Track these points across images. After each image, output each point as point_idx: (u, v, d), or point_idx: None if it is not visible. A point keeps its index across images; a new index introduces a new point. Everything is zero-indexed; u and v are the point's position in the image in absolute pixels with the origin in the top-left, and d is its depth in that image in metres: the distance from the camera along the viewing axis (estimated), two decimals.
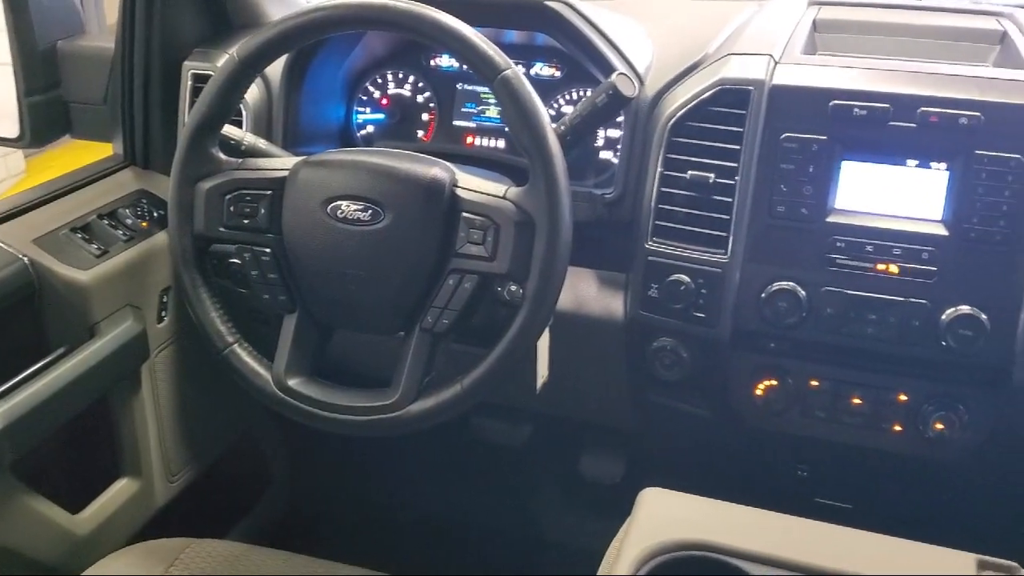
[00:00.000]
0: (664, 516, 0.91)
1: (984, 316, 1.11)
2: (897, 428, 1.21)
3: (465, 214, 1.07)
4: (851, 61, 1.24)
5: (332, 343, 1.19)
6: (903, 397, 1.20)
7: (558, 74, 1.43)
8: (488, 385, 1.07)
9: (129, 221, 1.39)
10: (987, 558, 0.87)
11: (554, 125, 1.08)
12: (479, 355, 1.08)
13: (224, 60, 1.17)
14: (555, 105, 1.42)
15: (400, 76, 1.51)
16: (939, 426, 1.18)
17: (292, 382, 1.13)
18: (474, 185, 1.08)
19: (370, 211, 1.08)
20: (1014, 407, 1.15)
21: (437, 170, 1.08)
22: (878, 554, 0.87)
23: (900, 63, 1.23)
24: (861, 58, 1.26)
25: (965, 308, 1.12)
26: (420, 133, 1.50)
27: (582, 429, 1.76)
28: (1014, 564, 0.87)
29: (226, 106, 1.13)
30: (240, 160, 1.15)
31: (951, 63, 1.24)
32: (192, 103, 1.34)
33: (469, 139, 1.48)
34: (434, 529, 1.93)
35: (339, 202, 1.09)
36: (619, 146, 1.32)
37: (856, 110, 1.14)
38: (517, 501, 1.94)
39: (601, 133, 1.39)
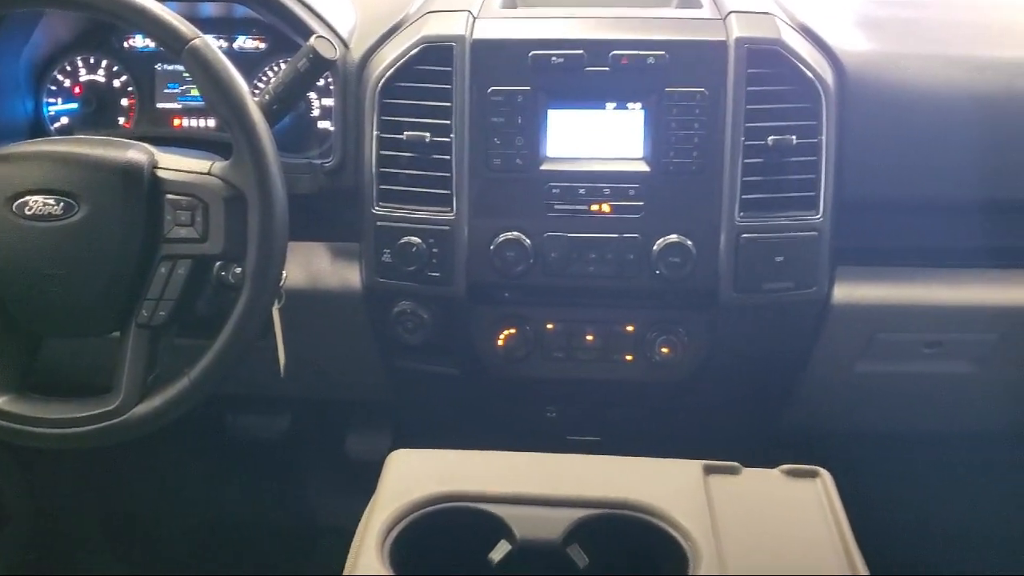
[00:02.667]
0: (412, 475, 0.91)
1: (690, 242, 1.19)
2: (628, 358, 1.28)
3: (169, 196, 1.01)
4: (547, 12, 1.28)
5: (43, 352, 1.10)
6: (630, 328, 1.27)
7: (262, 46, 1.38)
8: (219, 373, 1.02)
9: None
10: (712, 462, 0.94)
11: (258, 96, 1.03)
12: (209, 347, 1.03)
13: None
14: (263, 78, 1.37)
15: (92, 61, 1.40)
16: (664, 350, 1.26)
17: None
18: (176, 164, 1.02)
19: (62, 204, 0.99)
20: (724, 324, 1.24)
21: (133, 152, 1.01)
22: (616, 474, 0.91)
23: (592, 11, 1.28)
24: (557, 9, 1.30)
25: (672, 237, 1.19)
26: (121, 120, 1.40)
27: (343, 409, 1.73)
28: (735, 464, 0.94)
29: None
30: None
31: (639, 8, 1.30)
32: None
33: (176, 121, 1.40)
34: (204, 535, 1.84)
35: (26, 198, 1.00)
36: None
37: (554, 58, 1.18)
38: (287, 494, 1.88)
39: (317, 102, 1.36)
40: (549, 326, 1.28)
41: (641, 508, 0.85)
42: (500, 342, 1.28)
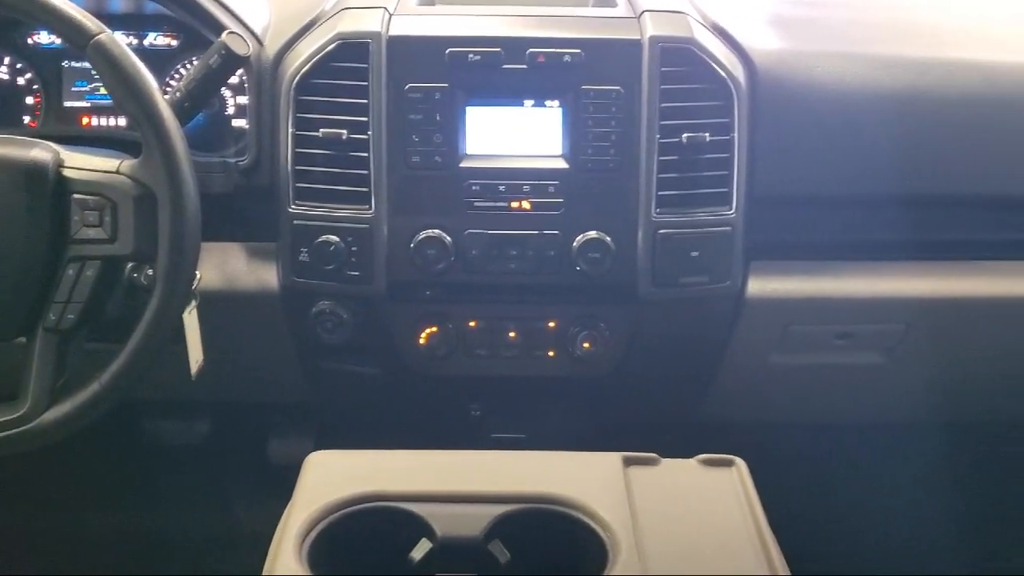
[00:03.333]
0: (331, 476, 0.90)
1: (609, 239, 1.20)
2: (551, 353, 1.29)
3: (76, 195, 0.98)
4: (464, 10, 1.28)
5: None
6: (552, 324, 1.28)
7: (174, 43, 1.35)
8: (130, 378, 1.00)
9: None
10: (631, 454, 0.95)
11: (169, 94, 1.01)
12: (120, 351, 1.00)
13: None
14: (175, 76, 1.34)
15: None
16: (586, 345, 1.27)
17: None
18: (82, 163, 0.99)
19: None
20: (643, 318, 1.26)
21: (37, 151, 0.98)
22: (537, 469, 0.92)
23: (509, 9, 1.28)
24: (475, 7, 1.30)
25: (592, 233, 1.20)
26: (27, 118, 1.36)
27: (265, 412, 1.70)
28: (654, 455, 0.96)
29: None
30: None
31: (556, 7, 1.31)
32: None
33: (85, 120, 1.36)
34: (121, 545, 1.79)
35: None
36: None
37: (471, 56, 1.18)
38: (208, 500, 1.85)
39: (231, 100, 1.34)
40: (471, 324, 1.28)
41: (561, 502, 0.86)
42: (422, 341, 1.27)
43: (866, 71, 1.25)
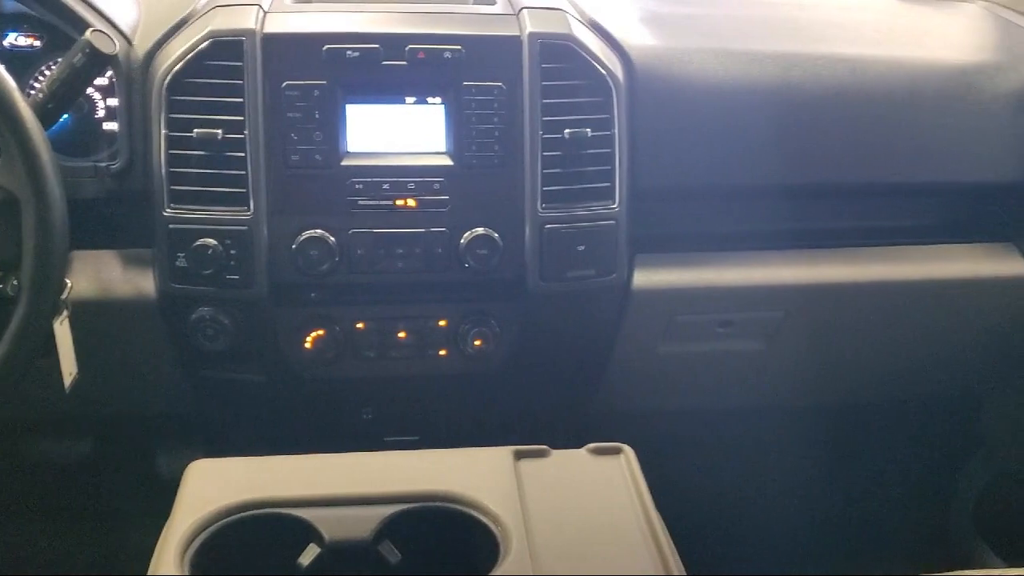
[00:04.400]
0: (212, 485, 0.87)
1: (496, 235, 1.20)
2: (442, 352, 1.28)
3: None
4: (341, 6, 1.26)
5: None
6: (443, 322, 1.27)
7: (37, 43, 1.29)
8: None
9: None
10: (521, 447, 0.95)
11: (31, 95, 0.96)
12: None
13: None
14: (40, 78, 1.28)
15: None
16: (477, 342, 1.27)
17: None
18: None
19: None
20: (533, 313, 1.27)
21: None
22: (427, 467, 0.91)
23: (389, 6, 1.27)
24: (352, 4, 1.29)
25: (479, 230, 1.20)
26: None
27: (150, 425, 1.64)
28: (544, 447, 0.96)
29: None
30: None
31: (434, 3, 1.31)
32: None
33: None
34: (5, 571, 1.70)
35: None
36: None
37: (349, 52, 1.16)
38: (94, 520, 1.77)
39: (102, 103, 1.28)
40: (359, 325, 1.26)
41: (451, 498, 0.85)
42: (308, 344, 1.25)
43: (738, 66, 1.28)
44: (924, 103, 1.31)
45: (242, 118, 1.15)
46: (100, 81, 1.24)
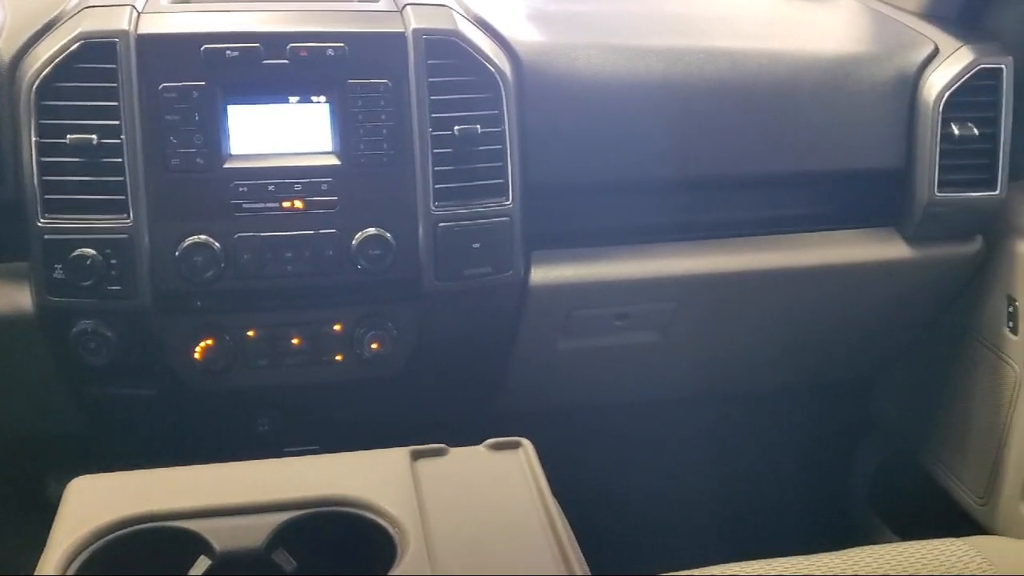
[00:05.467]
0: (95, 501, 0.83)
1: (389, 234, 1.19)
2: (338, 357, 1.26)
3: None
4: (219, 6, 1.23)
5: None
6: (337, 327, 1.25)
7: None
8: None
9: None
10: (419, 447, 0.93)
11: None
12: None
13: None
14: None
15: None
16: (374, 346, 1.25)
17: None
18: None
19: None
20: (430, 313, 1.26)
21: None
22: (322, 472, 0.89)
23: (270, 5, 1.25)
24: (230, 3, 1.25)
25: (371, 230, 1.19)
26: None
27: (38, 447, 1.57)
28: (442, 446, 0.95)
29: None
30: None
31: (319, 1, 1.29)
32: None
33: None
34: None
35: None
36: None
37: (228, 52, 1.13)
38: None
39: None
40: (250, 333, 1.22)
41: (346, 502, 0.83)
42: (197, 355, 1.21)
43: (624, 61, 1.30)
44: (804, 94, 1.34)
45: (118, 122, 1.11)
46: None
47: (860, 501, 1.83)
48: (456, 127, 1.19)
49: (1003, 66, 1.36)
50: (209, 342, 1.21)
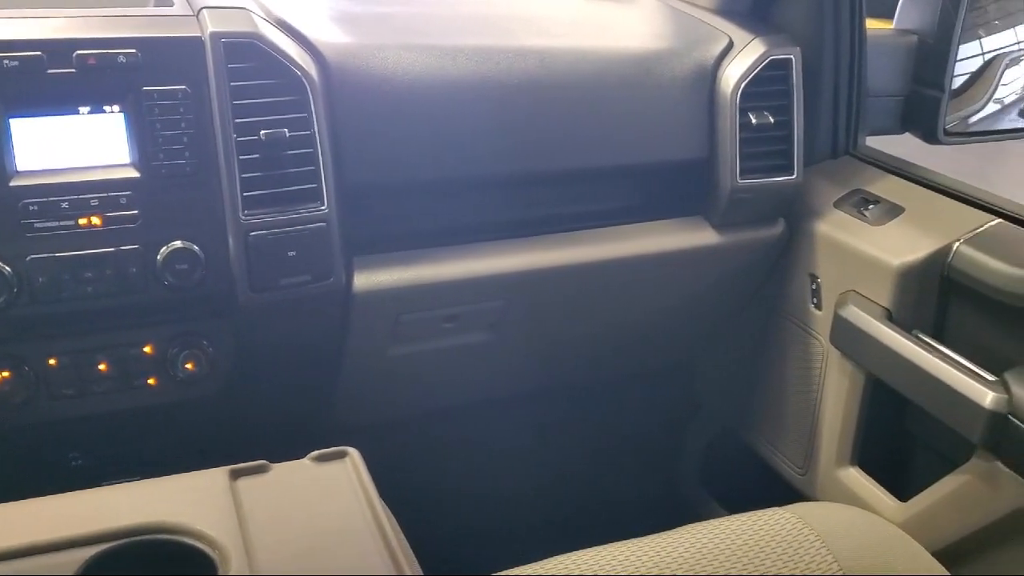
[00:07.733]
0: None
1: (196, 247, 1.14)
2: (151, 381, 1.19)
3: None
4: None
5: None
6: (148, 349, 1.18)
7: None
8: None
9: None
10: (238, 466, 0.89)
11: None
12: None
13: None
14: None
15: None
16: (189, 366, 1.19)
17: None
18: None
19: None
20: (249, 328, 1.21)
21: None
22: (135, 500, 0.83)
23: (52, 11, 1.17)
24: (10, 11, 1.17)
25: (177, 243, 1.13)
26: None
27: None
28: (263, 462, 0.91)
29: None
30: None
31: (109, 8, 1.21)
32: None
33: None
34: None
35: None
36: None
37: (7, 62, 1.05)
38: None
39: None
40: (51, 362, 1.14)
41: (161, 529, 0.79)
42: None
43: (434, 61, 1.29)
44: (609, 90, 1.38)
45: None
46: None
47: (692, 481, 1.90)
48: (262, 131, 1.15)
49: (792, 56, 1.44)
50: (5, 374, 1.12)
